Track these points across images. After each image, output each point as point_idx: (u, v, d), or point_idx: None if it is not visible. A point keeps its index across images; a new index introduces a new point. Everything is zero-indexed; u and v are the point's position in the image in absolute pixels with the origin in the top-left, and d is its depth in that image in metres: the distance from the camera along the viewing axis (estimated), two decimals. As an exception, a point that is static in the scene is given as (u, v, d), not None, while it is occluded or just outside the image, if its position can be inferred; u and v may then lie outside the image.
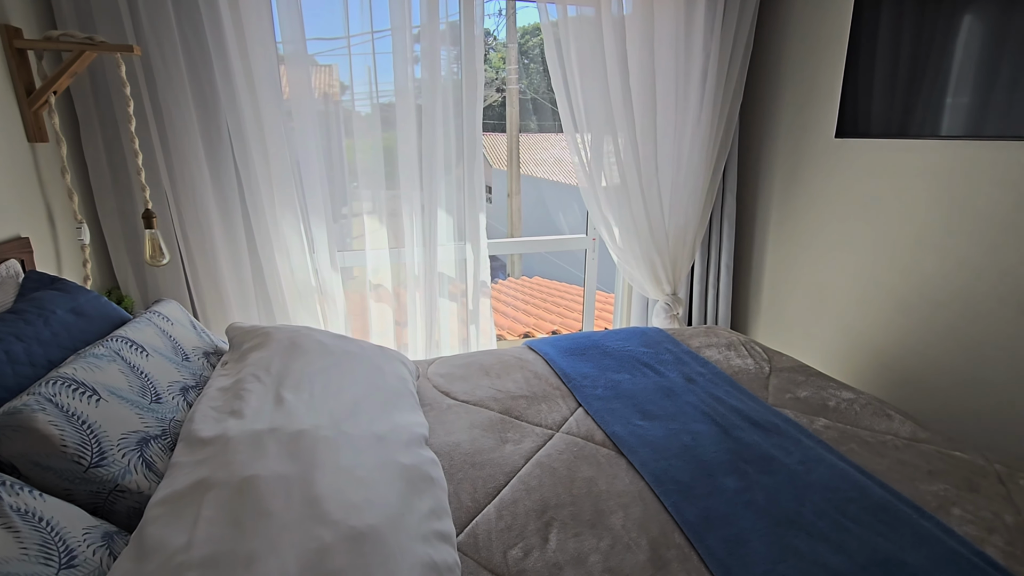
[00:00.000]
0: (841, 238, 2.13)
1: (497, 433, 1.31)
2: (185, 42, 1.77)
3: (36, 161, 1.55)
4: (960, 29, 1.62)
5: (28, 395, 0.87)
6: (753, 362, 1.71)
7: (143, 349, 1.14)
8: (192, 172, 1.86)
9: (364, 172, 2.13)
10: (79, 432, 0.87)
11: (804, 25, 2.16)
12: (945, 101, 1.67)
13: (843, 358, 2.17)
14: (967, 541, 0.98)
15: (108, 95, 1.75)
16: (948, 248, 1.77)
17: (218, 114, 1.86)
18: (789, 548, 0.97)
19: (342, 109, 2.12)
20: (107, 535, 0.81)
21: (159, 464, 0.96)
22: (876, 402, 1.47)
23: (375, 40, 2.01)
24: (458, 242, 2.29)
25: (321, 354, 1.32)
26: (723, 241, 2.52)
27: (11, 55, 1.46)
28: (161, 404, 1.06)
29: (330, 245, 2.11)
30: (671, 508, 1.07)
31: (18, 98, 1.49)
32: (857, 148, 2.02)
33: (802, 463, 1.19)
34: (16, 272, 1.29)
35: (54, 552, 0.71)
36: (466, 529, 1.02)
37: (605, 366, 1.64)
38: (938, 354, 1.83)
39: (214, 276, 1.98)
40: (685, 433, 1.30)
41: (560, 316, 3.88)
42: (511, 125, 5.06)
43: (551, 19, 2.10)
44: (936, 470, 1.19)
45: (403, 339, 2.34)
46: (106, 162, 1.80)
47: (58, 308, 1.16)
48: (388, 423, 1.13)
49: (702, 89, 2.25)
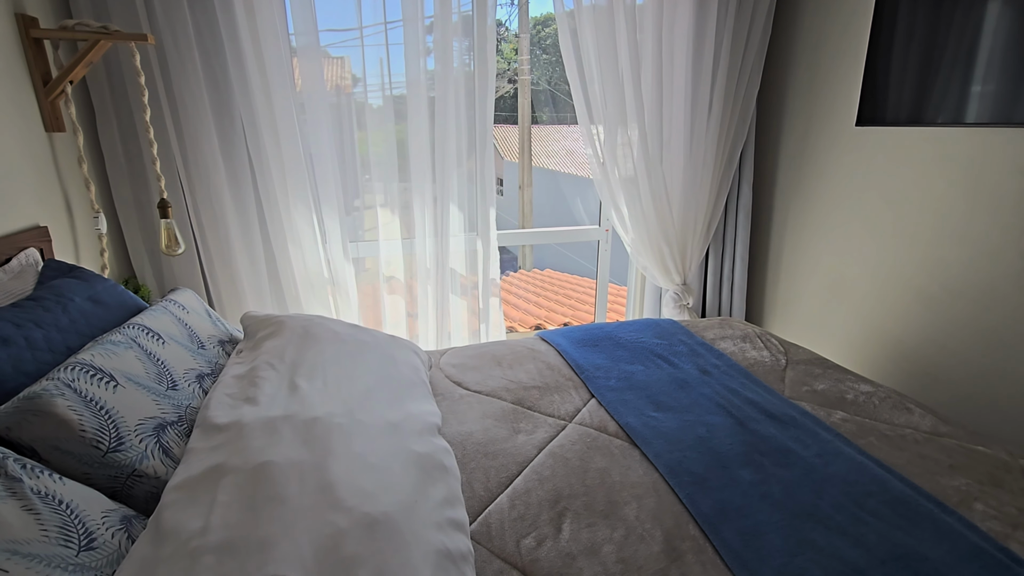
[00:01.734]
0: (860, 228, 2.08)
1: (510, 423, 1.31)
2: (199, 32, 1.77)
3: (53, 151, 1.56)
4: (987, 13, 1.57)
5: (47, 380, 0.88)
6: (769, 354, 1.69)
7: (159, 337, 1.15)
8: (206, 161, 1.87)
9: (376, 164, 2.13)
10: (97, 417, 0.88)
11: (824, 10, 2.11)
12: (971, 88, 1.63)
13: (861, 350, 2.13)
14: (990, 537, 0.96)
15: (123, 85, 1.76)
16: (970, 237, 1.73)
17: (231, 104, 1.87)
18: (806, 541, 0.95)
19: (354, 101, 2.12)
20: (125, 518, 0.82)
21: (175, 450, 0.97)
22: (895, 395, 1.45)
23: (387, 31, 2.00)
24: (469, 234, 2.29)
25: (335, 343, 1.33)
26: (738, 232, 2.48)
27: (28, 45, 1.47)
28: (177, 391, 1.07)
29: (342, 236, 2.11)
30: (685, 500, 1.06)
31: (35, 88, 1.50)
32: (878, 136, 1.98)
33: (819, 456, 1.17)
34: (35, 260, 1.31)
35: (74, 534, 0.72)
36: (479, 518, 1.02)
37: (618, 357, 1.63)
38: (959, 346, 1.79)
39: (228, 265, 1.99)
40: (700, 425, 1.28)
41: (571, 308, 3.86)
42: (523, 116, 5.01)
43: (566, 8, 2.08)
44: (958, 464, 1.16)
45: (415, 330, 2.34)
46: (122, 151, 1.82)
47: (76, 296, 1.17)
48: (401, 412, 1.13)
49: (716, 77, 2.21)
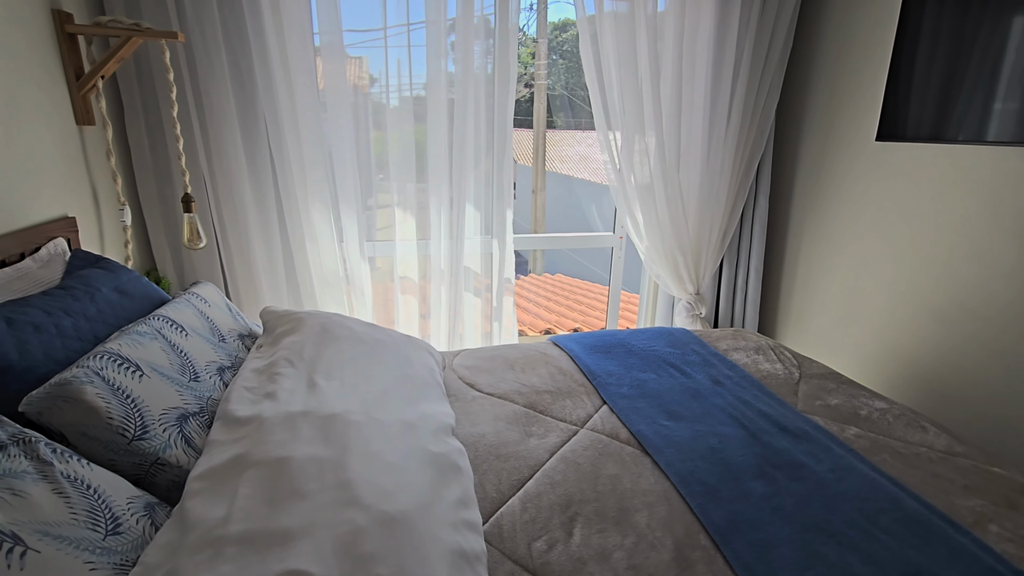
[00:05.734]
0: (877, 244, 2.07)
1: (521, 426, 1.32)
2: (226, 30, 1.81)
3: (83, 143, 1.60)
4: (1012, 32, 1.56)
5: (77, 368, 0.90)
6: (782, 367, 1.68)
7: (183, 329, 1.17)
8: (229, 158, 1.90)
9: (394, 164, 2.15)
10: (124, 405, 0.90)
11: (847, 24, 2.11)
12: (993, 106, 1.62)
13: (875, 367, 2.12)
14: (1005, 559, 0.95)
15: (152, 81, 1.80)
16: (988, 256, 1.72)
17: (256, 102, 1.90)
18: (818, 556, 0.95)
19: (371, 101, 2.14)
20: (149, 505, 0.84)
21: (197, 440, 0.99)
22: (910, 412, 1.44)
23: (410, 32, 2.02)
24: (484, 236, 2.30)
25: (352, 341, 1.35)
26: (753, 243, 2.48)
27: (62, 40, 1.50)
28: (199, 382, 1.09)
29: (359, 235, 2.13)
30: (697, 509, 1.06)
31: (68, 82, 1.53)
32: (897, 152, 1.97)
33: (832, 471, 1.17)
34: (63, 250, 1.34)
35: (101, 519, 0.74)
36: (491, 519, 1.02)
37: (631, 365, 1.63)
38: (974, 366, 1.78)
39: (247, 261, 2.02)
40: (712, 435, 1.28)
41: (582, 314, 3.87)
42: (538, 121, 5.03)
43: (587, 14, 2.09)
44: (973, 485, 1.16)
45: (427, 331, 2.36)
46: (148, 146, 1.85)
47: (103, 286, 1.20)
48: (417, 411, 1.14)
49: (735, 88, 2.21)
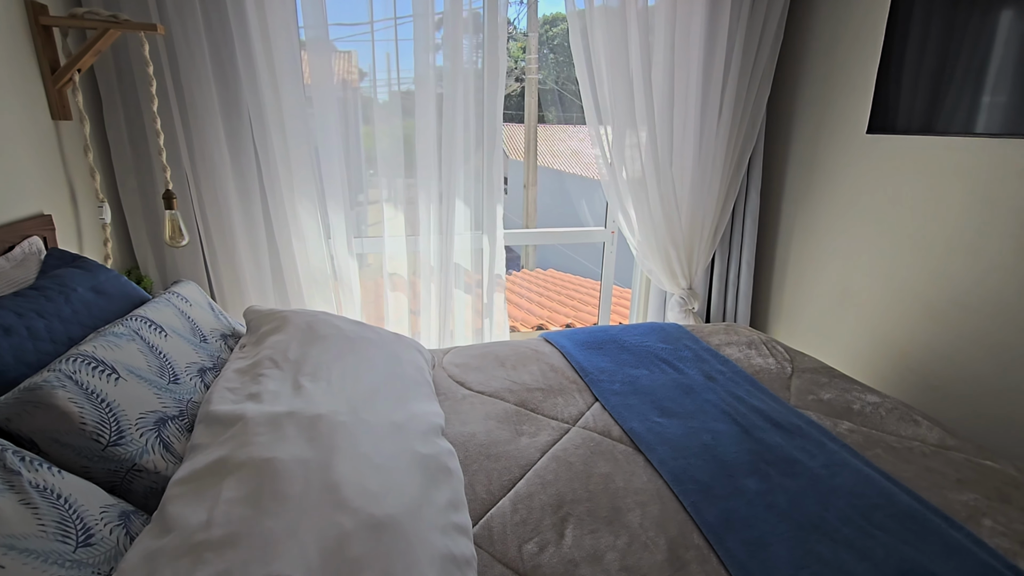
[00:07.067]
0: (868, 237, 2.07)
1: (512, 425, 1.30)
2: (208, 22, 1.76)
3: (60, 139, 1.55)
4: (1001, 25, 1.56)
5: (48, 371, 0.87)
6: (775, 362, 1.67)
7: (162, 329, 1.13)
8: (212, 154, 1.85)
9: (382, 159, 2.12)
10: (98, 410, 0.87)
11: (837, 17, 2.10)
12: (982, 98, 1.62)
13: (867, 361, 2.12)
14: (999, 554, 0.95)
15: (131, 74, 1.75)
16: (980, 250, 1.71)
17: (239, 96, 1.86)
18: (812, 553, 0.94)
19: (360, 96, 2.10)
20: (124, 514, 0.81)
21: (176, 444, 0.96)
22: (902, 406, 1.43)
23: (397, 26, 1.98)
24: (475, 232, 2.27)
25: (339, 339, 1.32)
26: (744, 238, 2.47)
27: (37, 32, 1.46)
28: (179, 384, 1.06)
29: (347, 232, 2.10)
30: (690, 508, 1.04)
31: (43, 75, 1.49)
32: (888, 145, 1.96)
33: (826, 467, 1.16)
34: (39, 249, 1.30)
35: (71, 530, 0.71)
36: (481, 521, 1.00)
37: (623, 361, 1.62)
38: (966, 360, 1.78)
39: (232, 259, 1.98)
40: (705, 432, 1.27)
41: (574, 309, 3.85)
42: (529, 116, 5.00)
43: (577, 8, 2.06)
44: (965, 479, 1.15)
45: (417, 328, 2.33)
46: (128, 141, 1.81)
47: (79, 286, 1.16)
48: (405, 412, 1.12)
49: (727, 81, 2.19)
